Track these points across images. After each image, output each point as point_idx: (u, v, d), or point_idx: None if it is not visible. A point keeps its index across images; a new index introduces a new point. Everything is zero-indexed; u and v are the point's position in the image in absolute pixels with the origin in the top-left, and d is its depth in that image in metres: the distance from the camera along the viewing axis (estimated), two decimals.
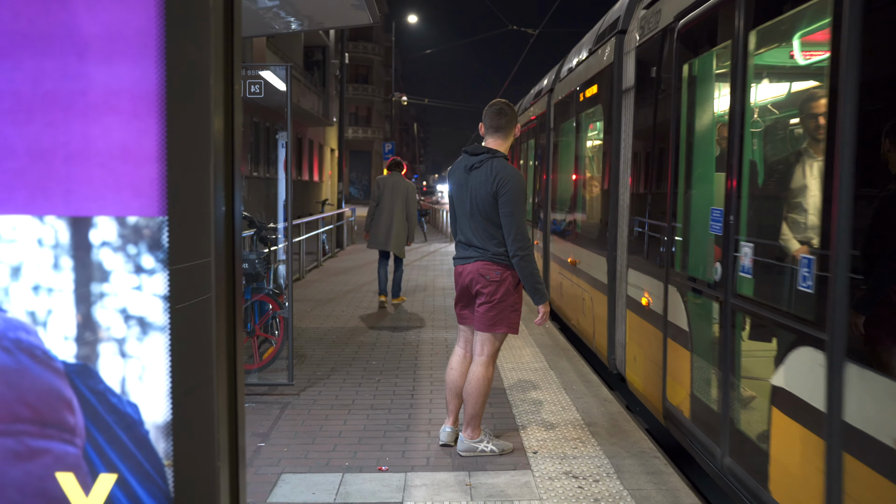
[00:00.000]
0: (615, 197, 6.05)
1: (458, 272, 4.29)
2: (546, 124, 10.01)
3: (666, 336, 4.50)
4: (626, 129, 5.83)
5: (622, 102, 5.94)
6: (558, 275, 8.95)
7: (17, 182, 1.49)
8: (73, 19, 1.45)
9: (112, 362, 1.52)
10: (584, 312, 7.20)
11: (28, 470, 1.53)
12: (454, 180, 4.35)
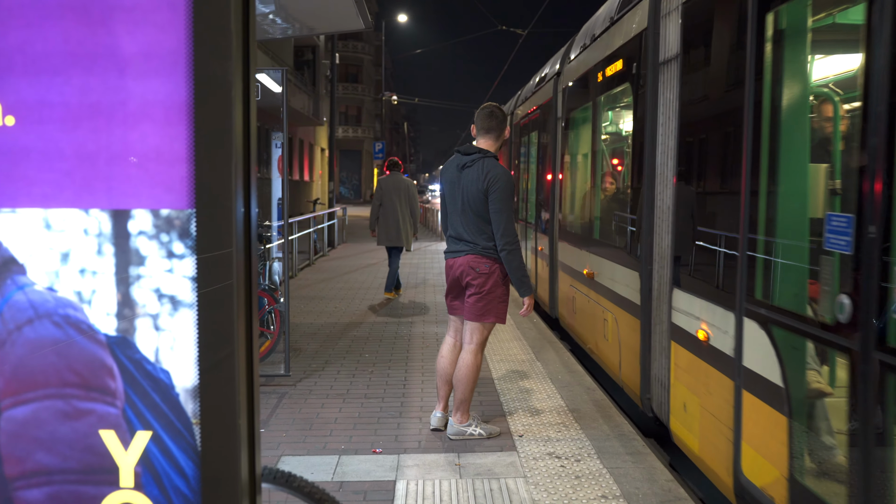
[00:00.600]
0: (651, 196, 4.90)
1: (448, 265, 4.55)
2: (552, 113, 8.88)
3: (740, 387, 3.42)
4: (665, 111, 4.73)
5: (659, 77, 4.83)
6: (570, 288, 7.66)
7: (66, 180, 1.73)
8: (114, 41, 1.70)
9: (147, 335, 1.76)
10: (606, 336, 6.01)
11: (75, 428, 1.77)
12: (447, 178, 4.61)
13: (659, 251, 4.72)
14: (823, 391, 3.01)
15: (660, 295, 4.71)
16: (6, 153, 1.71)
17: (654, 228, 4.82)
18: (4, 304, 1.75)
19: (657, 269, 4.77)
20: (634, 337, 5.19)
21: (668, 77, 4.67)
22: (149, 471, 1.79)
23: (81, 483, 1.79)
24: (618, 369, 5.73)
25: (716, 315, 3.76)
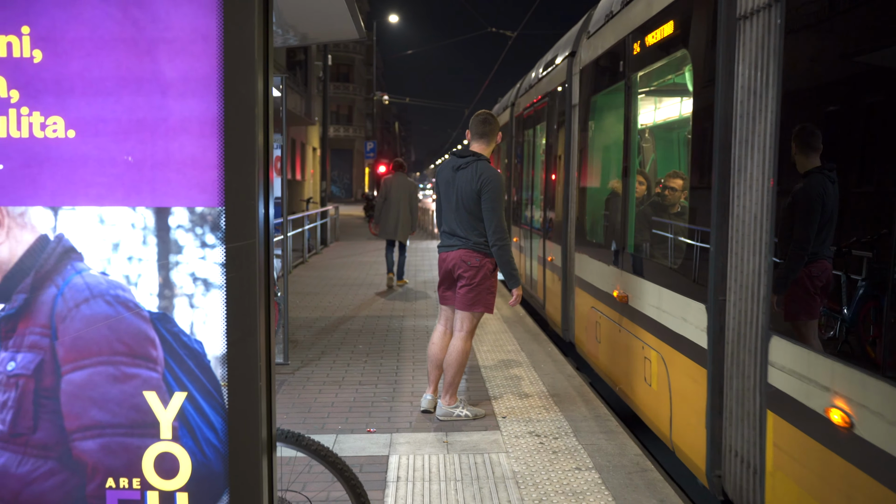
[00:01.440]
0: (723, 201, 3.62)
1: (442, 258, 4.92)
2: (565, 100, 7.47)
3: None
4: (754, 82, 3.34)
5: (743, 35, 3.43)
6: (591, 311, 6.21)
7: (117, 183, 2.08)
8: (158, 67, 2.05)
9: (184, 311, 2.11)
10: (649, 381, 4.65)
11: (123, 389, 2.12)
12: (443, 178, 4.99)
13: (740, 278, 3.41)
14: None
15: (743, 340, 3.38)
16: (69, 161, 2.06)
17: (729, 246, 3.53)
18: (65, 286, 2.10)
19: (736, 302, 3.45)
20: (696, 390, 3.87)
21: (753, 35, 3.31)
22: (184, 425, 2.14)
23: (128, 436, 2.14)
24: (667, 427, 4.34)
25: (870, 392, 2.45)
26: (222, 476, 2.16)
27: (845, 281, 2.71)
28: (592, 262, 6.23)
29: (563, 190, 7.43)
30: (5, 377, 2.11)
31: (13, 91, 2.05)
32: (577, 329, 6.82)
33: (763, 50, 3.26)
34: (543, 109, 8.92)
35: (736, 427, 3.48)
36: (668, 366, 4.35)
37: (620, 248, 5.41)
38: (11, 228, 2.08)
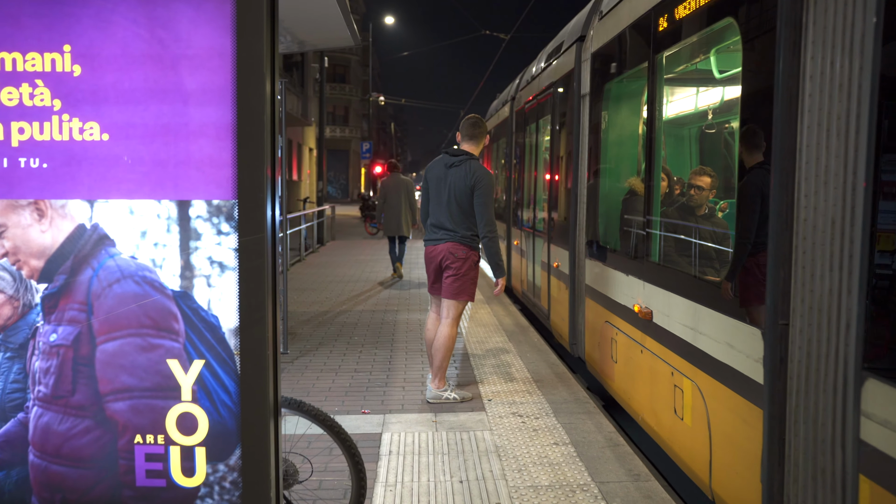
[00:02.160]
0: (785, 200, 2.91)
1: (430, 251, 5.26)
2: (572, 90, 6.68)
3: None
4: (848, 46, 2.55)
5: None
6: (605, 326, 5.51)
7: (144, 180, 2.41)
8: (180, 80, 2.38)
9: (202, 290, 2.45)
10: (680, 413, 3.96)
11: (150, 357, 2.45)
12: (433, 174, 5.32)
13: (810, 298, 2.74)
14: None
15: (818, 378, 2.70)
16: (103, 160, 2.39)
17: (793, 257, 2.86)
18: (100, 268, 2.43)
19: (804, 328, 2.77)
20: (748, 434, 3.18)
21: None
22: (202, 389, 2.47)
23: (153, 398, 2.47)
24: (705, 472, 3.64)
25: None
26: (235, 433, 2.50)
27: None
28: (607, 271, 5.49)
29: (571, 189, 6.64)
30: (48, 347, 2.44)
31: (56, 100, 2.38)
32: (588, 345, 6.07)
33: (848, 3, 2.56)
34: (548, 102, 8.10)
35: (806, 487, 2.75)
36: (707, 399, 3.61)
37: (643, 256, 4.64)
38: (54, 218, 2.42)
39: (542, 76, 8.55)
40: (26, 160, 2.39)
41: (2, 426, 2.46)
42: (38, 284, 2.43)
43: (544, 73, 8.47)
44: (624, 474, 3.88)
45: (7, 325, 2.43)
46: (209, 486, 2.50)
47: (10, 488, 2.48)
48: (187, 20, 2.36)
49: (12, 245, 2.41)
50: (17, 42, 2.35)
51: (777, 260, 2.94)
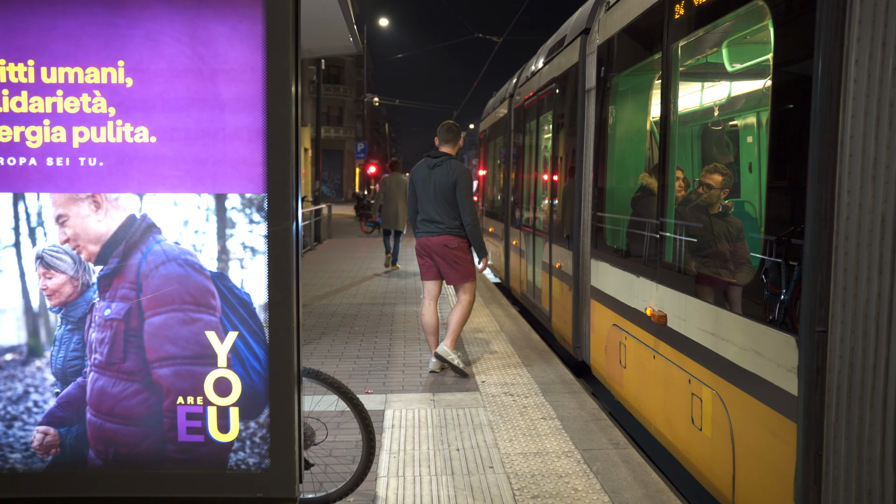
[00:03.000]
0: (823, 196, 2.70)
1: (425, 241, 5.87)
2: (576, 85, 6.41)
3: None
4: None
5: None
6: (613, 330, 5.29)
7: (187, 176, 2.80)
8: (218, 90, 2.77)
9: (236, 271, 2.84)
10: (699, 424, 3.75)
11: (191, 329, 2.84)
12: (419, 176, 5.98)
13: (853, 304, 2.59)
14: None
15: (863, 391, 2.55)
16: (151, 159, 2.78)
17: (834, 258, 2.68)
18: (148, 252, 2.82)
19: (846, 336, 2.61)
20: (779, 448, 2.99)
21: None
22: (236, 357, 2.87)
23: (193, 364, 2.86)
24: (728, 487, 3.44)
25: None
26: (264, 395, 2.89)
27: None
28: (615, 272, 5.24)
29: (574, 187, 6.38)
30: (103, 320, 2.83)
31: (111, 108, 2.77)
32: (594, 349, 5.84)
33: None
34: (549, 98, 7.80)
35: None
36: (730, 409, 3.40)
37: (656, 257, 4.39)
38: (108, 210, 2.81)
39: (544, 72, 8.27)
40: (85, 159, 2.78)
41: (64, 389, 2.85)
42: (95, 266, 2.82)
43: (545, 69, 8.16)
44: (605, 443, 4.29)
45: (68, 301, 2.82)
46: (241, 441, 2.90)
47: (70, 442, 2.87)
48: (224, 39, 2.75)
49: (73, 232, 2.80)
50: (78, 58, 2.74)
51: (814, 261, 2.70)
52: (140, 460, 2.88)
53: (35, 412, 2.85)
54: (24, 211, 2.78)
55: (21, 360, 2.84)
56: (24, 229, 2.79)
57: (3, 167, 2.75)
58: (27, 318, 2.83)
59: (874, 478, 2.47)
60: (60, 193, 2.78)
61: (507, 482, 3.67)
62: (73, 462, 2.88)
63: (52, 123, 2.75)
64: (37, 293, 2.82)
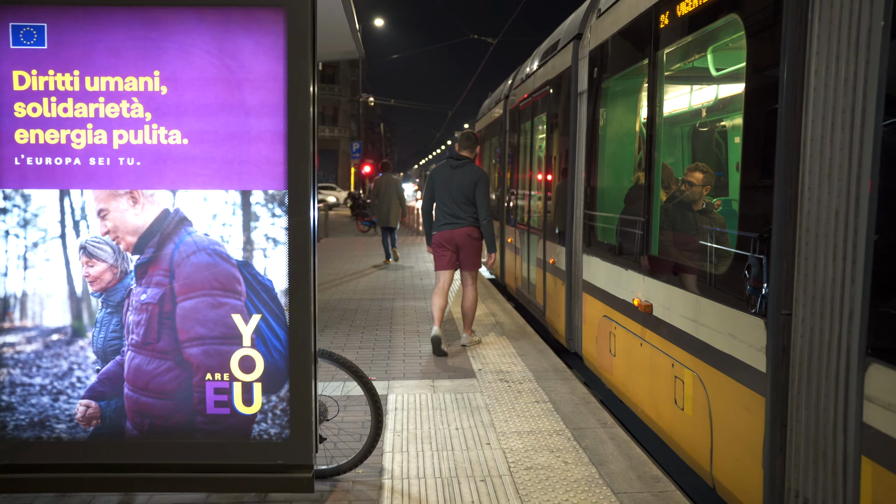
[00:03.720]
0: (788, 194, 2.98)
1: (448, 233, 6.58)
2: (570, 87, 6.67)
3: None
4: (853, 39, 2.67)
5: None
6: (603, 320, 5.56)
7: (215, 174, 3.11)
8: (244, 98, 3.09)
9: (260, 260, 3.15)
10: (681, 404, 4.03)
11: (219, 313, 3.15)
12: (441, 176, 6.69)
13: (813, 288, 2.84)
14: None
15: (820, 366, 2.81)
16: (183, 159, 3.09)
17: (797, 248, 2.94)
18: (180, 243, 3.13)
19: (807, 317, 2.88)
20: (750, 421, 3.26)
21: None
22: (259, 337, 3.18)
23: (221, 344, 3.17)
24: (706, 461, 3.72)
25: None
26: (285, 372, 3.20)
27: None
28: (605, 266, 5.49)
29: (567, 186, 6.66)
30: (139, 304, 3.14)
31: (147, 113, 3.08)
32: (586, 340, 6.09)
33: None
34: (544, 99, 8.06)
35: (807, 470, 2.86)
36: (709, 388, 3.68)
37: (643, 250, 4.65)
38: (144, 204, 3.12)
39: (538, 74, 8.50)
40: (124, 159, 3.09)
41: (104, 366, 3.16)
42: (132, 256, 3.13)
43: (540, 71, 8.42)
44: (594, 423, 4.61)
45: (108, 287, 3.13)
46: (264, 413, 3.21)
47: (110, 414, 3.18)
48: (249, 51, 3.07)
49: (113, 225, 3.11)
50: (118, 69, 3.05)
51: (781, 251, 2.97)
52: (172, 431, 3.19)
53: (78, 387, 3.16)
54: (69, 206, 3.09)
55: (66, 340, 3.15)
56: (69, 222, 3.10)
57: (51, 166, 3.06)
58: (71, 302, 3.14)
59: (828, 441, 2.72)
60: (102, 190, 3.09)
61: (502, 456, 4.00)
62: (112, 432, 3.19)
63: (95, 127, 3.06)
64: (80, 280, 3.13)
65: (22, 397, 3.15)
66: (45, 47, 3.02)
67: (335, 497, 3.47)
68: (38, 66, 3.02)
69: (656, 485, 3.66)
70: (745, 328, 3.26)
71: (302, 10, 3.04)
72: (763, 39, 3.27)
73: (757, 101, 3.34)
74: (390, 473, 3.77)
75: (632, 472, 3.80)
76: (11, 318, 3.13)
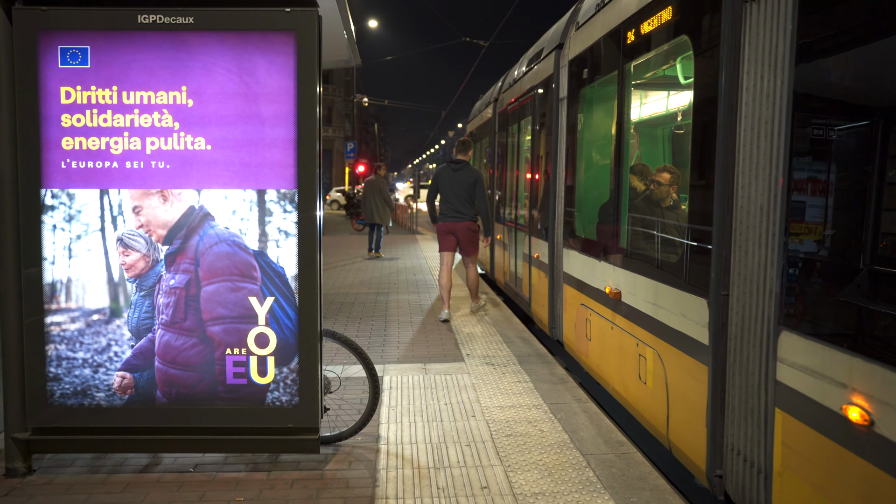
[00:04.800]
0: (725, 193, 3.47)
1: (451, 225, 8.00)
2: (551, 94, 7.20)
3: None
4: (759, 65, 3.26)
5: (750, 17, 3.35)
6: (581, 308, 6.04)
7: (235, 176, 3.60)
8: (259, 109, 3.57)
9: (273, 249, 3.64)
10: (644, 379, 4.48)
11: (238, 295, 3.64)
12: (444, 177, 8.06)
13: (744, 271, 3.31)
14: None
15: (746, 336, 3.29)
16: (207, 163, 3.58)
17: (732, 238, 3.41)
18: (204, 235, 3.61)
19: (740, 296, 3.34)
20: (696, 388, 3.74)
21: (764, 15, 3.21)
22: (273, 317, 3.66)
23: (239, 323, 3.65)
24: (664, 426, 4.19)
25: (891, 388, 2.42)
26: (294, 347, 3.69)
27: (864, 273, 2.54)
28: (582, 258, 5.96)
29: (550, 185, 7.13)
30: (168, 288, 3.62)
31: (176, 123, 3.56)
32: (566, 327, 6.55)
33: (773, 31, 3.12)
34: (529, 104, 8.59)
35: (739, 426, 3.32)
36: (665, 363, 4.16)
37: (614, 243, 5.12)
38: (173, 202, 3.60)
39: (524, 80, 8.99)
40: (155, 163, 3.57)
41: (137, 342, 3.64)
42: (162, 246, 3.61)
43: (526, 77, 8.90)
44: (570, 399, 5.11)
45: (141, 274, 3.61)
46: (276, 383, 3.70)
47: (142, 384, 3.66)
48: (264, 69, 3.55)
49: (146, 219, 3.59)
50: (151, 85, 3.53)
51: (720, 241, 3.44)
52: (197, 398, 3.67)
53: (115, 360, 3.64)
54: (108, 203, 3.57)
55: (105, 320, 3.63)
56: (107, 217, 3.58)
57: (93, 169, 3.54)
58: (110, 286, 3.62)
59: (753, 399, 3.20)
60: (136, 189, 3.57)
61: (486, 426, 4.49)
62: (144, 400, 3.67)
63: (130, 135, 3.54)
64: (117, 267, 3.61)
65: (67, 369, 3.63)
66: (88, 66, 3.49)
67: (338, 459, 3.96)
68: (82, 82, 3.50)
69: (620, 448, 4.17)
70: (694, 308, 3.74)
71: (310, 34, 3.53)
72: (706, 56, 3.72)
73: (702, 112, 3.79)
74: (386, 440, 4.25)
75: (599, 438, 4.31)
76: (58, 301, 3.60)
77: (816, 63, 2.89)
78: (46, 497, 3.43)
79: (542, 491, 3.55)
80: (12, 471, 3.64)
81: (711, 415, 3.52)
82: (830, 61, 2.86)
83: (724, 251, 3.44)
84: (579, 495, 3.51)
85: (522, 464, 3.88)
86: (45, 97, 3.49)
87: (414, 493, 3.52)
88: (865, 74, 2.73)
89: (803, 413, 2.84)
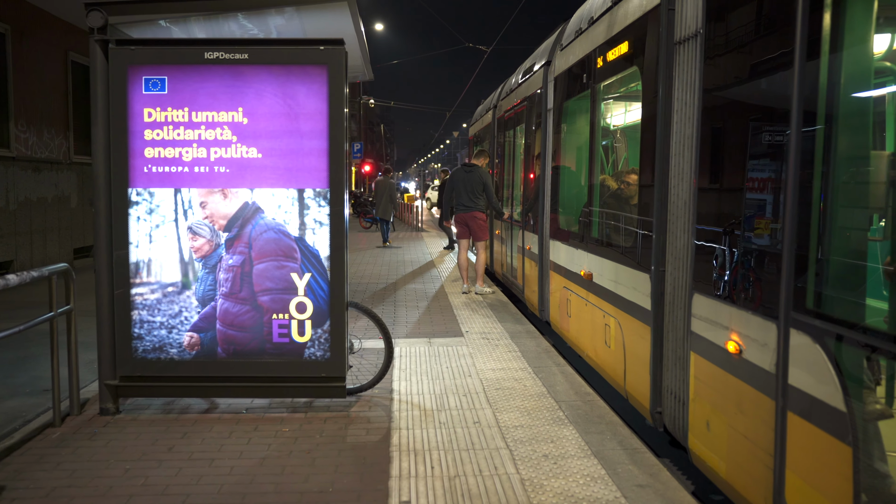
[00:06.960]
0: (663, 191, 4.34)
1: (463, 216, 9.77)
2: (541, 105, 8.23)
3: (784, 408, 3.02)
4: (684, 95, 4.14)
5: (675, 58, 4.24)
6: (563, 290, 6.99)
7: (280, 178, 4.56)
8: (299, 126, 4.54)
9: (310, 236, 4.61)
10: (608, 343, 5.40)
11: (282, 272, 4.61)
12: (458, 178, 9.73)
13: (673, 252, 4.18)
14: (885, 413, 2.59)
15: (675, 300, 4.16)
16: (258, 168, 4.55)
17: (667, 227, 4.27)
18: (256, 224, 4.58)
19: (671, 271, 4.22)
20: (643, 345, 4.63)
21: (686, 58, 4.06)
22: (310, 289, 4.64)
23: (283, 294, 4.63)
24: (622, 379, 5.08)
25: (751, 325, 3.26)
26: (327, 313, 4.65)
27: (738, 249, 3.46)
28: (564, 247, 6.94)
29: (539, 184, 8.11)
30: (227, 266, 4.59)
31: (234, 136, 4.53)
32: (552, 308, 7.53)
33: (691, 70, 3.98)
34: (522, 112, 9.60)
35: (671, 371, 4.22)
36: (623, 328, 5.07)
37: (585, 233, 6.15)
38: (231, 198, 4.57)
39: (519, 90, 10.05)
40: (217, 168, 4.54)
41: (202, 309, 4.62)
42: (223, 233, 4.58)
43: (520, 88, 9.96)
44: (551, 364, 6.08)
45: (206, 255, 4.59)
46: (312, 341, 4.67)
47: (206, 343, 4.63)
48: (303, 94, 4.52)
49: (210, 212, 4.57)
50: (215, 106, 4.50)
51: (658, 229, 4.34)
52: (249, 353, 4.65)
53: (185, 323, 4.62)
54: (180, 199, 4.55)
55: (177, 291, 4.61)
56: (180, 210, 4.56)
57: (169, 173, 4.52)
58: (181, 265, 4.60)
59: (679, 349, 4.08)
60: (202, 188, 4.55)
61: (479, 382, 5.46)
62: (208, 355, 4.64)
63: (198, 146, 4.52)
64: (188, 250, 4.58)
65: (147, 330, 4.62)
66: (166, 92, 4.47)
67: (360, 404, 4.93)
68: (160, 104, 4.47)
69: (587, 397, 5.14)
70: (641, 282, 4.67)
71: (339, 66, 4.49)
72: (650, 82, 4.64)
73: (647, 128, 4.70)
74: (398, 392, 5.23)
75: (571, 391, 5.28)
76: (141, 276, 4.59)
77: (713, 94, 3.77)
78: (135, 427, 4.42)
79: (521, 424, 4.52)
80: (105, 410, 4.62)
81: (653, 364, 4.45)
82: (722, 92, 3.72)
83: (661, 237, 4.34)
84: (550, 427, 4.48)
85: (507, 407, 4.85)
86: (133, 116, 4.47)
87: (421, 425, 4.49)
88: (745, 99, 3.51)
89: (705, 351, 3.73)
